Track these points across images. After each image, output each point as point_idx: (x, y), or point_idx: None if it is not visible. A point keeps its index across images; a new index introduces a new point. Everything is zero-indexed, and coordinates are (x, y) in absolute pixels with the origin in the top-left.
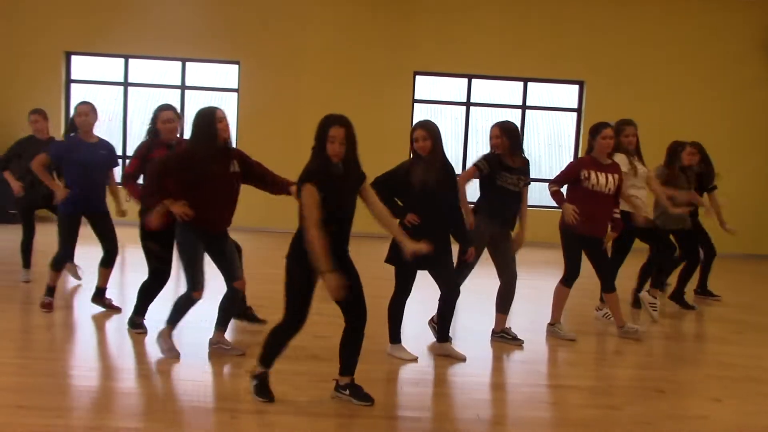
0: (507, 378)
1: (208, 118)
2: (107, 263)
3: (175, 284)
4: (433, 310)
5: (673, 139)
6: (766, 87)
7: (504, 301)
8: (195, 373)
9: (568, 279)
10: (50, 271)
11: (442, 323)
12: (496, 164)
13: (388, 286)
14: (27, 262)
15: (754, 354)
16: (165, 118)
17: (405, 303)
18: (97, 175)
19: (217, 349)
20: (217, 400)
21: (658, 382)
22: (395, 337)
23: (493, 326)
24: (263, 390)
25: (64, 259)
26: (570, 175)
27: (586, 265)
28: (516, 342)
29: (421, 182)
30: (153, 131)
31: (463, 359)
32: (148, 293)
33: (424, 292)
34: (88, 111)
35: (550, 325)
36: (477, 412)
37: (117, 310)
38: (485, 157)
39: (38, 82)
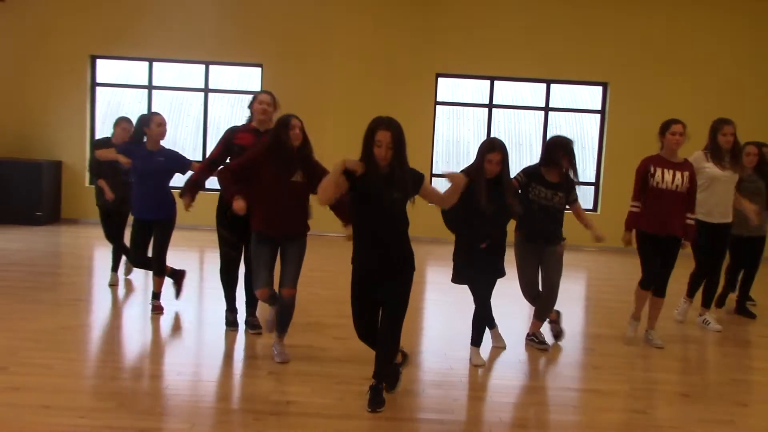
0: (531, 381)
1: (278, 126)
2: (155, 272)
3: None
4: (463, 313)
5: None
6: None
7: (541, 309)
8: (217, 375)
9: (645, 282)
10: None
11: (473, 328)
12: (534, 177)
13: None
14: (115, 265)
15: None
16: (261, 99)
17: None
18: (154, 183)
19: (274, 354)
20: (239, 402)
21: (684, 386)
22: (475, 340)
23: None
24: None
25: (132, 262)
26: (641, 180)
27: (611, 266)
28: (542, 347)
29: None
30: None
31: (483, 365)
32: (224, 280)
33: (458, 296)
34: (162, 122)
35: (645, 330)
36: (500, 415)
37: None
38: (524, 169)
39: (64, 86)
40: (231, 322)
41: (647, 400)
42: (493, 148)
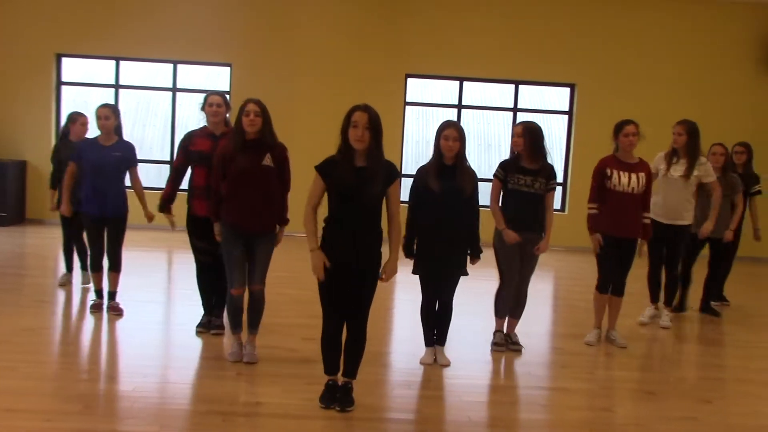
0: (499, 380)
1: (238, 113)
2: (111, 267)
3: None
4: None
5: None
6: (758, 90)
7: (518, 305)
8: (185, 376)
9: (601, 285)
10: (90, 274)
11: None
12: (511, 167)
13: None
14: (67, 265)
15: (744, 355)
16: (211, 101)
17: (433, 308)
18: (108, 178)
19: (243, 355)
20: (208, 403)
21: (649, 383)
22: (427, 341)
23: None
24: (322, 395)
25: (95, 259)
26: (597, 181)
27: (579, 266)
28: (516, 347)
29: (439, 185)
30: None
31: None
32: (200, 285)
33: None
34: (108, 114)
35: (607, 331)
36: (468, 414)
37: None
38: (500, 164)
39: (29, 84)
40: (204, 324)
41: (613, 398)
42: (448, 125)
